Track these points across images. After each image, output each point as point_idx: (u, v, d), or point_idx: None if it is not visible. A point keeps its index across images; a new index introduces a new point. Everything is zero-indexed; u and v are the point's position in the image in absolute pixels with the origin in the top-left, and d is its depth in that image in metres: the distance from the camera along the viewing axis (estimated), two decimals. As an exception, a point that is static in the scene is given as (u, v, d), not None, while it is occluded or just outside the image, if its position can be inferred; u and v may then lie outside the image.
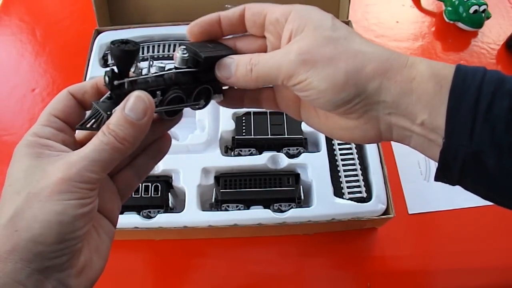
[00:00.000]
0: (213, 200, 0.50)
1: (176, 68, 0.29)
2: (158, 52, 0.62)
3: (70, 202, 0.23)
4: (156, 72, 0.27)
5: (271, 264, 0.51)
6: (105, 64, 0.61)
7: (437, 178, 0.27)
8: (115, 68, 0.26)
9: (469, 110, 0.24)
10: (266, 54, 0.28)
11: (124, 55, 0.25)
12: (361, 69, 0.26)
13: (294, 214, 0.48)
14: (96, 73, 0.59)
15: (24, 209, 0.23)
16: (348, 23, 0.64)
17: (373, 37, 0.74)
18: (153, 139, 0.31)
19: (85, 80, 0.58)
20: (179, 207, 0.50)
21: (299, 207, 0.49)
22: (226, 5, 0.59)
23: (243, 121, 0.55)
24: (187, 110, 0.31)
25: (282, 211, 0.49)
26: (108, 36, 0.62)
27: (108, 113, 0.25)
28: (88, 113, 0.27)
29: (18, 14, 0.76)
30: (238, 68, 0.28)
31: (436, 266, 0.51)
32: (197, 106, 0.30)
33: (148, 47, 0.62)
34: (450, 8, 0.74)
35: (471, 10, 0.71)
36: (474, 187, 0.26)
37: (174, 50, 0.62)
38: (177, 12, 0.64)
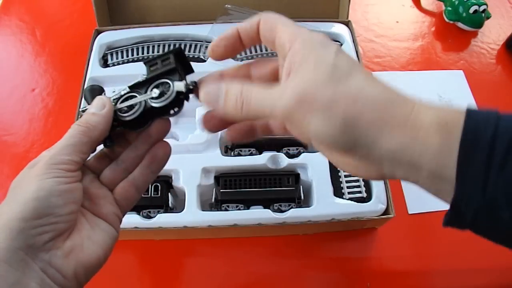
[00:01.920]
0: (213, 200, 0.50)
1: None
2: (158, 52, 0.62)
3: (46, 180, 0.26)
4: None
5: (271, 264, 0.51)
6: (105, 64, 0.61)
7: (446, 224, 0.25)
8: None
9: (481, 167, 0.22)
10: (260, 89, 0.26)
11: (90, 92, 0.35)
12: (361, 117, 0.23)
13: (294, 214, 0.48)
14: (96, 73, 0.59)
15: (9, 198, 0.26)
16: (348, 23, 0.64)
17: (373, 37, 0.74)
18: (146, 149, 0.32)
19: (84, 80, 0.58)
20: (179, 207, 0.50)
21: (299, 207, 0.49)
22: (226, 5, 0.59)
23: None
24: (187, 111, 0.31)
25: (282, 211, 0.49)
26: (108, 36, 0.62)
27: None
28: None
29: (18, 14, 0.76)
30: (227, 100, 0.27)
31: (436, 266, 0.51)
32: (158, 99, 0.30)
33: (148, 47, 0.62)
34: (450, 8, 0.74)
35: (471, 10, 0.71)
36: (485, 233, 0.25)
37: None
38: (177, 12, 0.64)
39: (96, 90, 0.43)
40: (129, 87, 0.31)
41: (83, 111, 0.31)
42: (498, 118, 0.23)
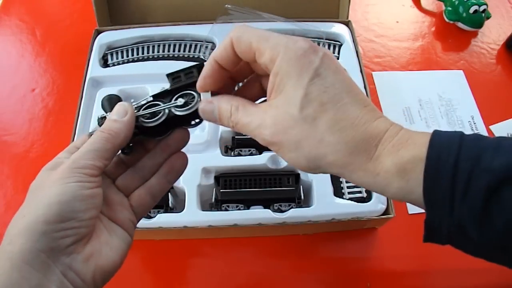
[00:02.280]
0: (213, 200, 0.50)
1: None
2: (158, 52, 0.62)
3: (69, 184, 0.26)
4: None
5: (271, 264, 0.51)
6: (105, 64, 0.61)
7: (425, 241, 0.27)
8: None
9: (446, 190, 0.24)
10: (245, 113, 0.28)
11: (108, 101, 0.37)
12: (322, 158, 0.26)
13: (294, 214, 0.48)
14: (96, 73, 0.59)
15: (30, 200, 0.27)
16: (348, 23, 0.64)
17: (373, 37, 0.74)
18: (164, 158, 0.33)
19: (84, 80, 0.58)
20: (179, 207, 0.50)
21: (299, 207, 0.49)
22: (226, 5, 0.59)
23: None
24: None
25: (282, 211, 0.49)
26: (108, 36, 0.62)
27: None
28: None
29: (18, 14, 0.76)
30: (221, 118, 0.29)
31: (436, 266, 0.51)
32: (183, 107, 0.31)
33: (148, 47, 0.62)
34: (450, 8, 0.74)
35: (471, 10, 0.71)
36: (463, 249, 0.26)
37: (174, 50, 0.62)
38: (177, 12, 0.64)
39: (114, 99, 0.44)
40: (153, 96, 0.32)
41: (103, 118, 0.31)
42: (461, 140, 0.24)
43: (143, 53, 0.62)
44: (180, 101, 0.31)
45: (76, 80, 0.58)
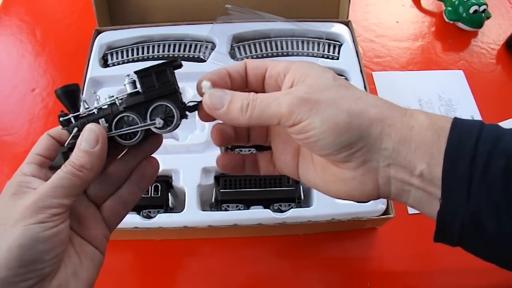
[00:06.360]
0: (213, 200, 0.50)
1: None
2: (158, 52, 0.62)
3: (30, 226, 0.24)
4: (103, 104, 0.29)
5: (271, 264, 0.51)
6: (105, 64, 0.61)
7: (436, 239, 0.27)
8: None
9: (465, 170, 0.23)
10: (265, 93, 0.27)
11: (65, 94, 0.30)
12: (364, 112, 0.25)
13: (294, 214, 0.48)
14: (96, 73, 0.59)
15: None
16: (348, 23, 0.64)
17: (373, 37, 0.74)
18: (136, 163, 0.31)
19: (84, 80, 0.58)
20: (179, 207, 0.50)
21: (299, 207, 0.49)
22: (226, 5, 0.59)
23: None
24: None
25: (282, 211, 0.49)
26: (108, 36, 0.62)
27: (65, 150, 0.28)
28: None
29: (18, 14, 0.76)
30: (233, 100, 0.27)
31: (436, 266, 0.51)
32: (162, 128, 0.29)
33: (148, 47, 0.62)
34: (450, 8, 0.74)
35: (471, 10, 0.71)
36: (474, 249, 0.26)
37: (174, 50, 0.62)
38: (177, 12, 0.64)
39: (73, 92, 0.31)
40: (125, 107, 0.29)
41: (72, 143, 0.28)
42: (482, 125, 0.24)
43: (143, 53, 0.62)
44: (160, 122, 0.28)
45: (76, 80, 0.57)
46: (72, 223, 0.27)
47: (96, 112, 0.29)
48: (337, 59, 0.61)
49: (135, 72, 0.29)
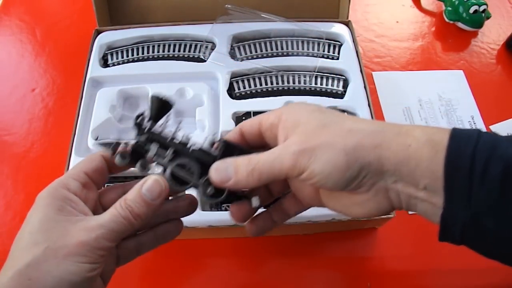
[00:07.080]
0: (213, 200, 0.50)
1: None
2: (158, 52, 0.62)
3: (84, 265, 0.25)
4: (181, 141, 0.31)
5: (271, 264, 0.51)
6: (105, 64, 0.61)
7: (440, 239, 0.28)
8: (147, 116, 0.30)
9: (465, 177, 0.24)
10: (265, 152, 0.29)
11: (159, 103, 0.30)
12: (359, 145, 0.26)
13: (294, 214, 0.48)
14: (96, 73, 0.59)
15: (40, 261, 0.25)
16: (348, 23, 0.64)
17: (373, 37, 0.74)
18: (165, 219, 0.33)
19: (84, 80, 0.58)
20: (179, 207, 0.50)
21: (299, 207, 0.49)
22: (226, 5, 0.59)
23: (243, 120, 0.55)
24: (187, 111, 0.31)
25: (282, 211, 0.49)
26: (108, 36, 0.62)
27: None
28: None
29: (18, 14, 0.76)
30: (238, 170, 0.28)
31: (436, 266, 0.51)
32: (210, 197, 0.30)
33: (148, 47, 0.62)
34: (450, 8, 0.74)
35: (471, 10, 0.71)
36: (476, 247, 0.27)
37: (174, 50, 0.62)
38: (177, 12, 0.64)
39: (167, 106, 0.32)
40: (178, 163, 0.30)
41: (139, 123, 0.29)
42: (479, 134, 0.25)
43: (143, 53, 0.62)
44: (211, 190, 0.29)
45: (76, 80, 0.58)
46: None
47: (168, 140, 0.30)
48: (337, 59, 0.61)
49: (224, 141, 0.31)
